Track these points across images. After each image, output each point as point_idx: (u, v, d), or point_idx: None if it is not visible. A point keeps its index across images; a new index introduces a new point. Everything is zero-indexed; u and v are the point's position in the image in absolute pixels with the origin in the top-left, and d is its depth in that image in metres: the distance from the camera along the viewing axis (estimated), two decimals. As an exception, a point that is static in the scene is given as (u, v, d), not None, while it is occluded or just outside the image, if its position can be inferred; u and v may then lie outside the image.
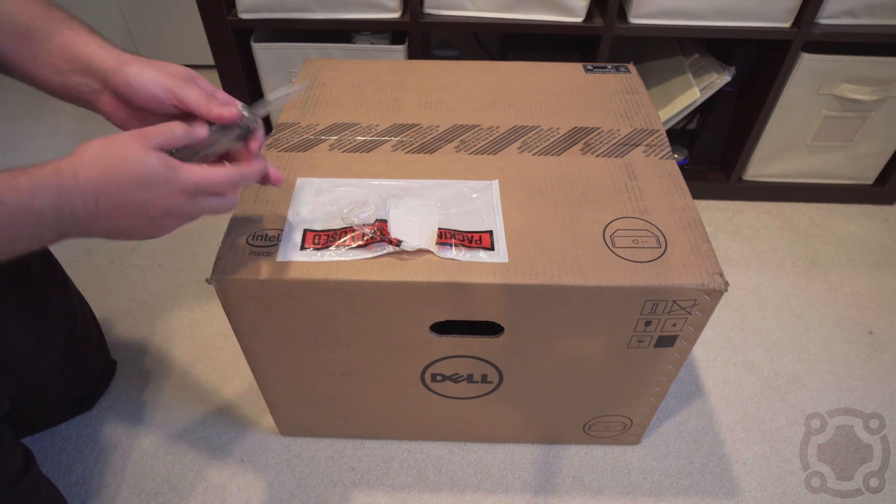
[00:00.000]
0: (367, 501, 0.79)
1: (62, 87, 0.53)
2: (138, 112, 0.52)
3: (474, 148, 0.71)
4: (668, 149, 0.71)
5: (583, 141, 0.72)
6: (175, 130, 0.47)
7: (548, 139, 0.73)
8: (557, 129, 0.74)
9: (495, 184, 0.67)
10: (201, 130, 0.49)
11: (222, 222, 0.61)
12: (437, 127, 0.74)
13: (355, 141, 0.72)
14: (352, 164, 0.69)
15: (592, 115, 0.77)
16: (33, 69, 0.52)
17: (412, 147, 0.71)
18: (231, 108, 0.51)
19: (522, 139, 0.73)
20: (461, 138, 0.73)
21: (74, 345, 0.80)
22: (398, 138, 0.72)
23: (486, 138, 0.73)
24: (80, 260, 1.10)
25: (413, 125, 0.74)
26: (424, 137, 0.73)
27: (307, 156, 0.70)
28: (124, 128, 0.53)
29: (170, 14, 1.50)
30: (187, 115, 0.51)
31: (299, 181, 0.66)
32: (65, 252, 1.12)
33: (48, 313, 0.74)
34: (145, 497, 0.79)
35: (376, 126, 0.74)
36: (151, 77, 0.50)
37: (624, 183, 0.67)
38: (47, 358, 0.75)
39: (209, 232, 1.15)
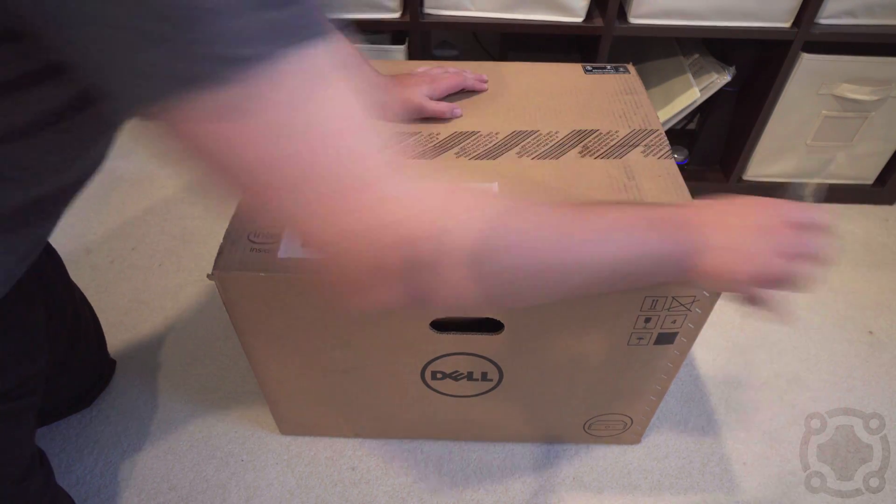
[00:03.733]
0: (367, 501, 0.79)
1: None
2: None
3: (474, 154, 0.72)
4: (667, 148, 0.71)
5: (581, 144, 0.73)
6: None
7: (546, 143, 0.73)
8: (556, 132, 0.75)
9: (494, 186, 0.67)
10: None
11: (222, 222, 0.62)
12: (437, 134, 0.75)
13: None
14: None
15: (591, 117, 0.77)
16: None
17: (413, 154, 0.72)
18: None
19: (521, 144, 0.73)
20: (461, 145, 0.73)
21: (77, 342, 0.81)
22: (399, 145, 0.73)
23: (486, 145, 0.73)
24: (80, 260, 1.10)
25: (413, 133, 0.75)
26: (424, 145, 0.73)
27: None
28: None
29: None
30: None
31: None
32: (65, 252, 1.12)
33: (55, 306, 0.75)
34: (145, 497, 0.79)
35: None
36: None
37: (622, 183, 0.67)
38: (52, 351, 0.75)
39: (209, 232, 1.16)
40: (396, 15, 1.02)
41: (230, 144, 0.30)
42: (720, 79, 1.08)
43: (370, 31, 1.10)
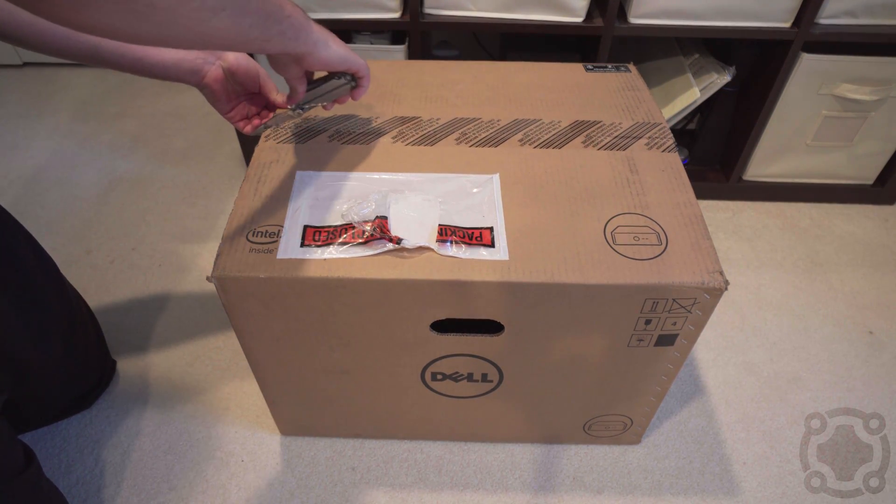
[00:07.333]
0: (367, 501, 0.79)
1: (176, 62, 0.63)
2: (231, 87, 0.68)
3: (475, 140, 0.71)
4: (671, 141, 0.71)
5: (584, 133, 0.72)
6: None
7: (549, 132, 0.72)
8: (559, 122, 0.74)
9: (496, 178, 0.66)
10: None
11: (222, 222, 0.61)
12: (437, 119, 0.74)
13: (354, 132, 0.72)
14: (351, 155, 0.69)
15: (594, 109, 0.76)
16: (148, 48, 0.61)
17: (412, 139, 0.71)
18: (281, 96, 0.70)
19: (523, 131, 0.72)
20: (461, 130, 0.72)
21: (73, 342, 0.80)
22: (398, 129, 0.72)
23: (487, 130, 0.72)
24: (80, 260, 1.10)
25: (413, 118, 0.74)
26: (425, 129, 0.72)
27: (306, 147, 0.70)
28: (215, 98, 0.68)
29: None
30: (253, 98, 0.71)
31: (298, 174, 0.66)
32: (65, 252, 1.12)
33: (44, 306, 0.75)
34: (145, 497, 0.79)
35: (375, 118, 0.74)
36: (251, 60, 0.67)
37: (626, 177, 0.67)
38: (45, 351, 0.75)
39: (209, 232, 1.15)
40: (396, 15, 1.02)
41: None
42: (720, 79, 1.08)
43: (370, 31, 1.10)
